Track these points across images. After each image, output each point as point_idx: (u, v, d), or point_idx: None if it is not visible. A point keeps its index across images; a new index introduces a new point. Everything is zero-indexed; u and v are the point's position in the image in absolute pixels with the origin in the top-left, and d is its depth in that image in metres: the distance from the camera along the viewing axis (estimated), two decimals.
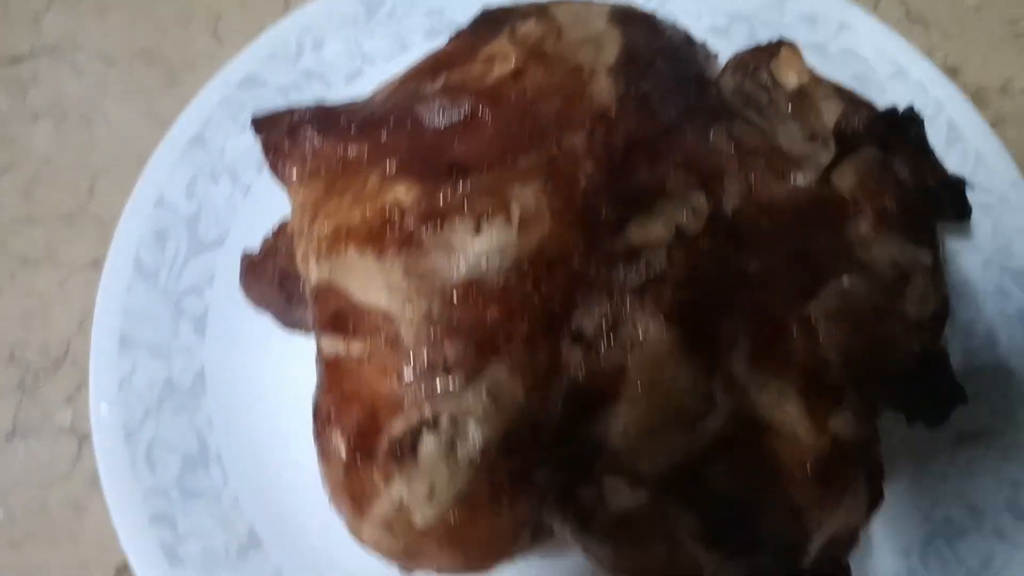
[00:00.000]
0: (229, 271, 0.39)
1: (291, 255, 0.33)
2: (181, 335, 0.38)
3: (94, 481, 0.37)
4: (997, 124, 0.43)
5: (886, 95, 0.41)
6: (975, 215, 0.38)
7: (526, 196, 0.29)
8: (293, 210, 0.33)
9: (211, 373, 0.38)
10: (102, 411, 0.36)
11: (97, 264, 0.41)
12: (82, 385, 0.39)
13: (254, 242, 0.37)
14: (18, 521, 0.37)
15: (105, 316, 0.38)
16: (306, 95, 0.43)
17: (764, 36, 0.43)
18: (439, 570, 0.30)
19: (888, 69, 0.41)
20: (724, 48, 0.43)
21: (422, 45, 0.44)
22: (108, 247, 0.40)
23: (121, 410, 0.36)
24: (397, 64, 0.44)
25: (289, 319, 0.36)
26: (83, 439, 0.38)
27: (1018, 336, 0.36)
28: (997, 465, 0.34)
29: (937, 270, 0.31)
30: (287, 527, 0.35)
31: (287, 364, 0.36)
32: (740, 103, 0.34)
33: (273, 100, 0.43)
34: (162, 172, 0.41)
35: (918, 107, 0.40)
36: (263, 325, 0.37)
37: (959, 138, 0.40)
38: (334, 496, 0.30)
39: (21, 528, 0.37)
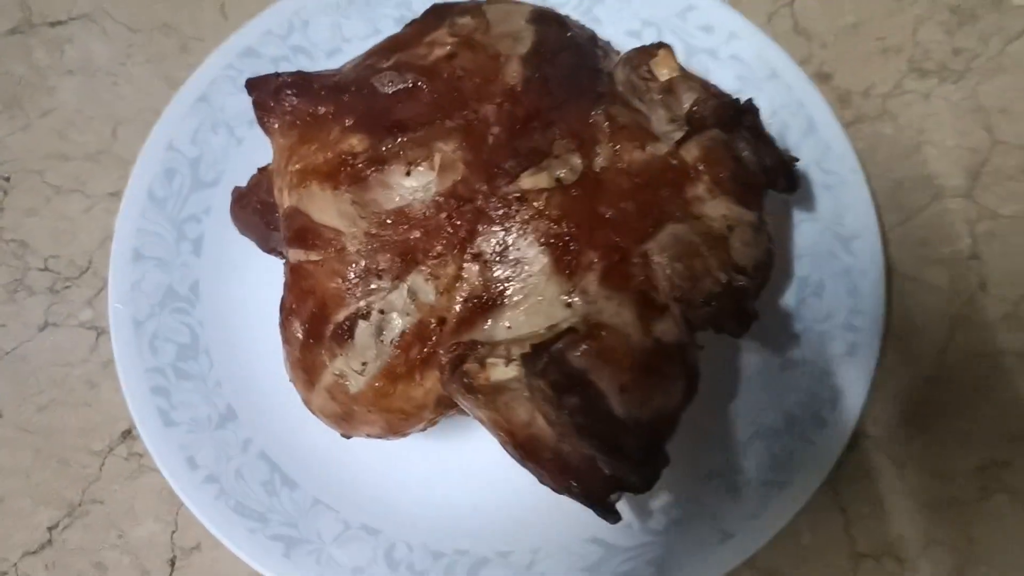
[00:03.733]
0: (222, 205, 0.48)
1: (270, 190, 0.43)
2: (182, 253, 0.48)
3: (106, 366, 0.47)
4: (856, 121, 0.53)
5: (762, 93, 0.50)
6: (819, 191, 0.48)
7: (446, 149, 0.38)
8: (274, 154, 0.43)
9: (204, 285, 0.48)
10: (117, 307, 0.46)
11: (117, 196, 0.51)
12: (101, 291, 0.49)
13: (242, 182, 0.47)
14: (46, 392, 0.47)
15: (122, 234, 0.47)
16: (293, 66, 0.52)
17: (669, 39, 0.53)
18: (368, 434, 0.40)
19: (765, 72, 0.51)
20: (635, 44, 0.53)
21: (392, 30, 0.54)
22: (126, 182, 0.49)
23: (132, 307, 0.46)
24: (370, 43, 0.54)
25: (267, 244, 0.45)
26: (100, 333, 0.48)
27: (839, 288, 0.46)
28: (809, 386, 0.44)
29: (760, 227, 0.41)
30: (258, 406, 0.45)
31: (264, 280, 0.46)
32: (627, 91, 0.43)
33: (266, 69, 0.52)
34: (173, 122, 0.50)
35: (784, 104, 0.50)
36: (246, 250, 0.47)
37: (814, 130, 0.49)
38: (292, 373, 0.40)
39: (47, 396, 0.47)
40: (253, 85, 0.44)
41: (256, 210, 0.44)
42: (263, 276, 0.46)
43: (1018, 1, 0.56)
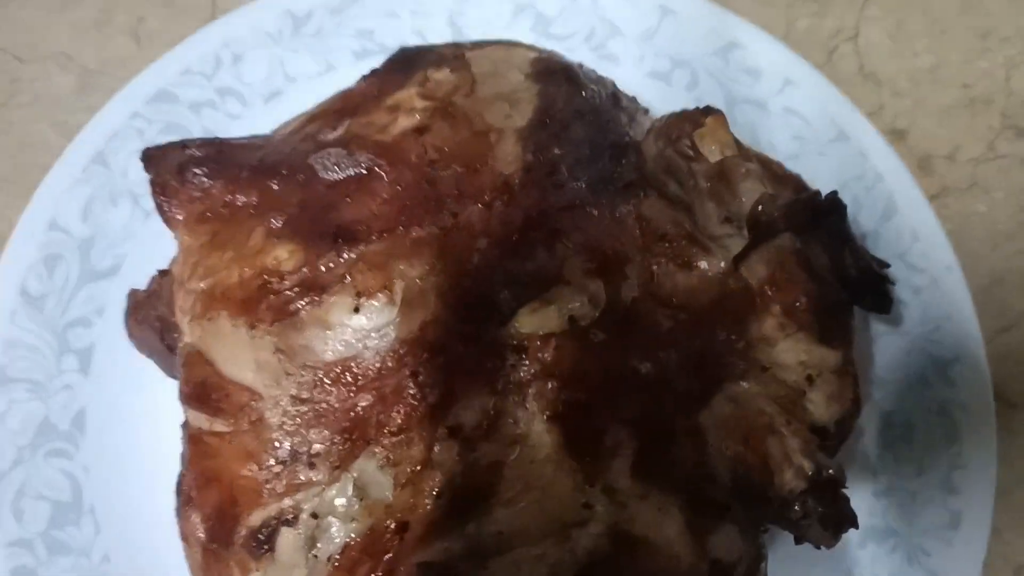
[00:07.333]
0: (121, 303, 0.37)
1: (171, 303, 0.31)
2: (64, 371, 0.36)
3: None
4: (940, 195, 0.42)
5: (825, 159, 0.40)
6: (905, 296, 0.37)
7: (412, 274, 0.27)
8: (176, 256, 0.31)
9: (92, 415, 0.36)
10: None
11: None
12: None
13: (150, 272, 0.35)
14: None
15: None
16: (220, 113, 0.41)
17: (705, 85, 0.41)
18: None
19: (830, 132, 0.40)
20: (663, 94, 0.41)
21: (352, 66, 0.42)
22: None
23: None
24: (322, 83, 0.42)
25: (172, 369, 0.34)
26: None
27: (936, 432, 0.35)
28: (901, 569, 0.33)
29: (847, 371, 0.29)
30: None
31: (174, 409, 0.34)
32: (661, 171, 0.32)
33: (185, 118, 0.41)
34: (57, 192, 0.38)
35: (856, 176, 0.39)
36: (152, 365, 0.35)
37: (896, 212, 0.38)
38: None
39: None
40: (151, 158, 0.32)
41: (154, 327, 0.33)
42: (174, 402, 0.34)
43: None
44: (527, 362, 0.26)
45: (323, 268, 0.27)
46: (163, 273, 0.33)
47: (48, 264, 0.37)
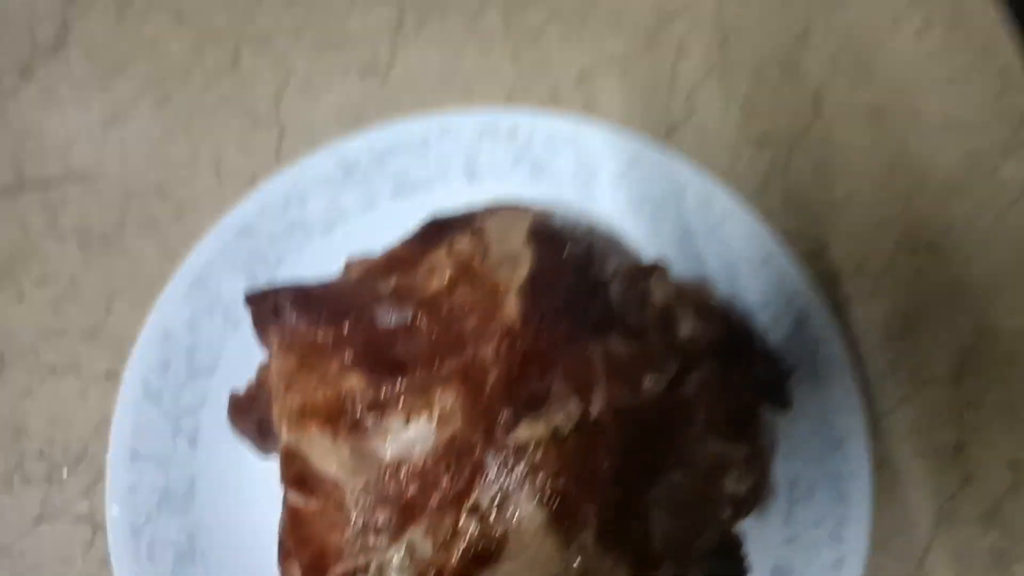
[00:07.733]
0: (218, 395, 0.48)
1: (269, 406, 0.43)
2: (177, 449, 0.48)
3: (104, 564, 0.47)
4: (848, 301, 0.53)
5: (756, 278, 0.51)
6: (810, 389, 0.49)
7: (445, 398, 0.39)
8: (272, 372, 0.43)
9: (200, 483, 0.48)
10: (115, 512, 0.46)
11: (112, 375, 0.51)
12: (97, 481, 0.49)
13: (239, 370, 0.47)
14: None
15: (119, 432, 0.47)
16: (290, 243, 0.53)
17: (664, 220, 0.53)
18: None
19: (759, 256, 0.51)
20: (632, 226, 0.53)
21: (387, 204, 0.54)
22: (122, 361, 0.50)
23: (129, 512, 0.46)
24: (365, 219, 0.54)
25: (264, 450, 0.46)
26: (97, 527, 0.48)
27: (830, 494, 0.47)
28: None
29: (754, 457, 0.41)
30: None
31: (264, 478, 0.46)
32: (624, 304, 0.44)
33: (263, 247, 0.52)
34: (168, 310, 0.50)
35: (778, 293, 0.51)
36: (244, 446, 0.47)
37: (806, 322, 0.50)
38: None
39: None
40: (252, 300, 0.44)
41: (253, 421, 0.45)
42: (263, 473, 0.46)
43: (1006, 174, 0.57)
44: (524, 460, 0.38)
45: (383, 394, 0.39)
46: (258, 383, 0.45)
47: (162, 366, 0.49)
